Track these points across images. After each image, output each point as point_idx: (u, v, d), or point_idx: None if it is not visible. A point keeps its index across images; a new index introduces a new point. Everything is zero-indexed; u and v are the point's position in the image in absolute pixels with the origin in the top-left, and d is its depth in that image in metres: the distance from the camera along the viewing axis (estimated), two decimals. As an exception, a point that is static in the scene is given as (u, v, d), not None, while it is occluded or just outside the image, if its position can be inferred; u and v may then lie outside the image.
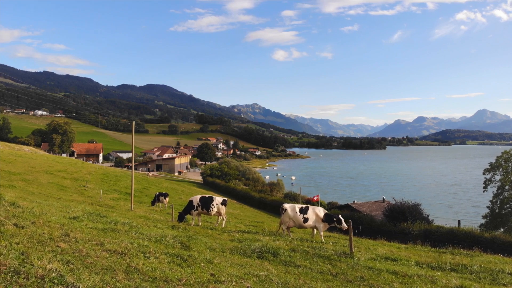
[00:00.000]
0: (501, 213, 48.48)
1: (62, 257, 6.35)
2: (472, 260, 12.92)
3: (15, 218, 8.46)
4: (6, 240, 6.75)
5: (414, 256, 12.58)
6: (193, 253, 8.54)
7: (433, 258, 12.38)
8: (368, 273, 9.04)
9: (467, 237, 30.30)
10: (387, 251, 13.64)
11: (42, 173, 42.73)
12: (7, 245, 6.39)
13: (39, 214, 9.87)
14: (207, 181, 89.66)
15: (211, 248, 9.89)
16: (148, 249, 8.21)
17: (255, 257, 9.55)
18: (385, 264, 10.43)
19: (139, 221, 14.38)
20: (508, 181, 49.42)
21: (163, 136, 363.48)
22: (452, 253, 14.59)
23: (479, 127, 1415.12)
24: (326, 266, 9.31)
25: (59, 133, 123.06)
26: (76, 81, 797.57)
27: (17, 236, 7.10)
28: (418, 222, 37.18)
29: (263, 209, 56.53)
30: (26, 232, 7.44)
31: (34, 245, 6.79)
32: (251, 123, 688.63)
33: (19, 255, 5.99)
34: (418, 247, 16.54)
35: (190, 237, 10.86)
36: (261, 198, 61.89)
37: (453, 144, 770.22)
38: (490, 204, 50.90)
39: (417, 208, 44.39)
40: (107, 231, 9.96)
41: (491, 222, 48.37)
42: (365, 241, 17.79)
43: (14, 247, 6.32)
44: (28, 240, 7.01)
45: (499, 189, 50.43)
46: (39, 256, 6.08)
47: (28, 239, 7.11)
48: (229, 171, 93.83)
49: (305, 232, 19.11)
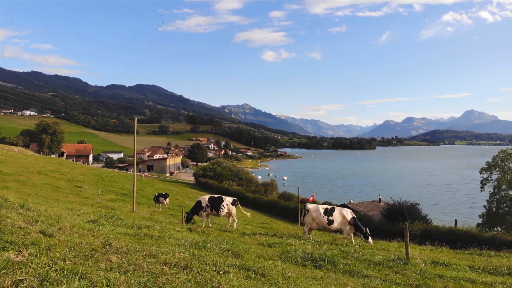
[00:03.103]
0: (498, 212, 48.66)
1: (132, 278, 5.24)
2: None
3: (38, 224, 7.41)
4: (46, 255, 5.45)
5: (454, 259, 12.00)
6: (266, 265, 7.68)
7: (480, 261, 11.84)
8: (446, 283, 8.31)
9: (467, 237, 30.21)
10: (422, 254, 12.92)
11: (34, 173, 41.75)
12: (52, 264, 5.10)
13: (58, 218, 9.03)
14: (199, 181, 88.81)
15: (259, 255, 9.12)
16: (207, 260, 7.27)
17: (311, 266, 8.79)
18: (441, 269, 9.80)
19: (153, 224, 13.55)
20: (505, 180, 49.65)
21: (154, 137, 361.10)
22: (480, 254, 14.16)
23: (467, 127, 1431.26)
24: (397, 276, 8.56)
25: (48, 134, 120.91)
26: (65, 81, 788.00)
27: (55, 248, 5.91)
28: (417, 222, 37.06)
29: (259, 210, 56.08)
30: (60, 242, 6.34)
31: (84, 261, 5.66)
32: (242, 123, 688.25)
33: (79, 279, 4.72)
34: (439, 249, 16.11)
35: (231, 243, 9.93)
36: (256, 198, 61.46)
37: (441, 144, 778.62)
38: (487, 204, 51.08)
39: (415, 208, 44.37)
40: (140, 237, 9.13)
41: (488, 221, 48.44)
42: (383, 243, 17.11)
43: (63, 267, 5.08)
44: (73, 254, 5.86)
45: (496, 188, 50.64)
46: (105, 280, 4.87)
47: (70, 252, 5.97)
48: (222, 171, 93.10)
49: (318, 233, 18.31)
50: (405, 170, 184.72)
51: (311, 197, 60.21)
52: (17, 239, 5.85)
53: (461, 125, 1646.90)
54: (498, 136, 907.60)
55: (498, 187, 50.24)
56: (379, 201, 56.39)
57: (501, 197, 48.98)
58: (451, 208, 76.70)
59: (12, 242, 5.67)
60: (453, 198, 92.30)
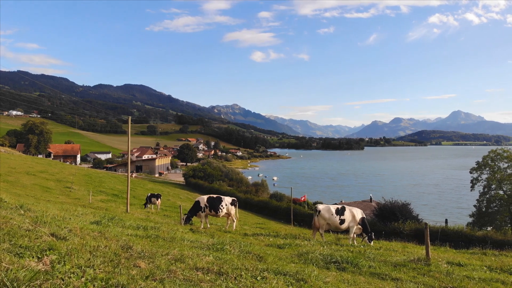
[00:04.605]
0: (488, 211, 49.16)
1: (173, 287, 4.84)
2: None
3: (46, 226, 6.86)
4: (70, 261, 4.85)
5: (463, 260, 11.77)
6: (302, 270, 7.28)
7: (493, 262, 11.58)
8: (479, 284, 8.08)
9: (459, 236, 30.48)
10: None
11: (23, 174, 41.00)
12: (81, 273, 4.57)
13: (62, 220, 8.52)
14: (189, 182, 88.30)
15: (280, 258, 8.74)
16: (237, 264, 6.88)
17: (334, 268, 8.38)
18: (461, 270, 9.55)
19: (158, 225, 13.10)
20: (495, 180, 50.18)
21: (142, 137, 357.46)
22: (484, 254, 14.04)
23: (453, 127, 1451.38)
24: (427, 278, 8.19)
25: (35, 134, 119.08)
26: (52, 80, 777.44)
27: (76, 253, 5.35)
28: (408, 222, 37.29)
29: (249, 210, 55.98)
30: (77, 246, 5.80)
31: (113, 269, 5.12)
32: (231, 123, 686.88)
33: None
34: (441, 248, 16.04)
35: (247, 245, 9.51)
36: (247, 198, 61.32)
37: (428, 144, 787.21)
38: (477, 203, 51.58)
39: (407, 207, 44.63)
40: (152, 239, 8.67)
41: (478, 220, 48.93)
42: (383, 243, 16.92)
43: (95, 276, 4.61)
44: (99, 261, 5.31)
45: (486, 187, 51.16)
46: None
47: (93, 258, 5.42)
48: (212, 172, 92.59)
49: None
50: (393, 170, 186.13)
51: (303, 197, 60.47)
52: (30, 244, 5.43)
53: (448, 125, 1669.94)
54: (485, 136, 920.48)
55: (488, 187, 50.74)
56: (370, 200, 56.66)
57: (491, 197, 49.49)
58: (441, 208, 77.35)
59: (28, 248, 5.23)
60: (442, 198, 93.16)
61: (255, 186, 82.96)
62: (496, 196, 48.92)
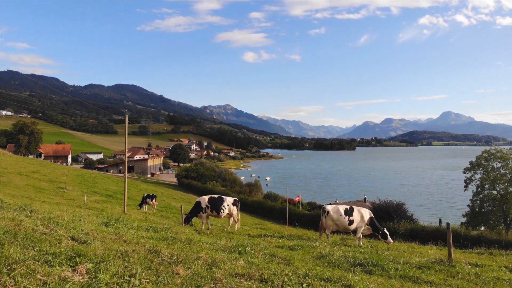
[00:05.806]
0: (481, 211, 49.55)
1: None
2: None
3: (62, 229, 6.34)
4: (109, 271, 4.46)
5: (479, 260, 11.57)
6: (346, 276, 6.95)
7: (502, 261, 11.56)
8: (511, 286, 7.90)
9: (454, 236, 30.61)
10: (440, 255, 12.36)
11: (15, 174, 40.48)
12: (127, 284, 4.25)
13: (72, 221, 8.09)
14: (182, 182, 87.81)
15: (304, 260, 8.38)
16: (274, 269, 6.51)
17: (360, 271, 8.04)
18: (482, 271, 9.32)
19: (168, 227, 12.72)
20: (488, 179, 50.58)
21: (134, 137, 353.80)
22: (491, 254, 14.02)
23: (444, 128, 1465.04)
24: (459, 281, 7.93)
25: (25, 134, 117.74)
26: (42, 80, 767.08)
27: (107, 260, 4.91)
28: (403, 221, 37.49)
29: (244, 210, 55.62)
30: (105, 251, 5.35)
31: (156, 278, 4.77)
32: (223, 124, 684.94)
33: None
34: (445, 248, 15.97)
35: (268, 247, 9.23)
36: (241, 199, 60.88)
37: (419, 144, 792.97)
38: (471, 203, 51.94)
39: (401, 207, 44.93)
40: (170, 242, 8.25)
41: (472, 220, 49.29)
42: (392, 245, 16.75)
43: (141, 286, 4.28)
44: (141, 268, 4.87)
45: (479, 187, 51.56)
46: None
47: (131, 265, 4.97)
48: (205, 172, 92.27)
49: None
50: (385, 170, 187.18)
51: (297, 198, 60.53)
52: (56, 250, 4.93)
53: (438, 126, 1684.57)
54: (475, 137, 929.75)
55: (482, 187, 51.15)
56: (365, 200, 56.82)
57: (484, 197, 49.90)
58: (434, 208, 77.85)
59: (54, 254, 4.73)
60: (434, 198, 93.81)
61: (248, 186, 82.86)
62: (490, 196, 49.33)
